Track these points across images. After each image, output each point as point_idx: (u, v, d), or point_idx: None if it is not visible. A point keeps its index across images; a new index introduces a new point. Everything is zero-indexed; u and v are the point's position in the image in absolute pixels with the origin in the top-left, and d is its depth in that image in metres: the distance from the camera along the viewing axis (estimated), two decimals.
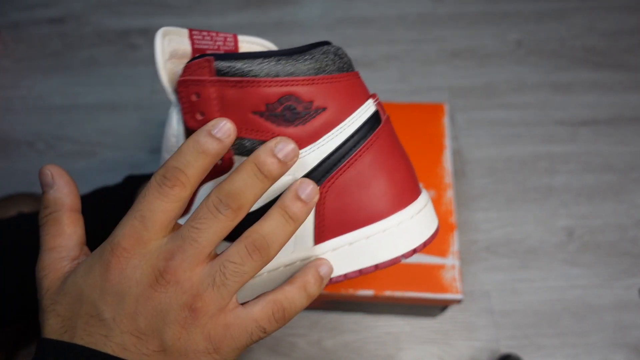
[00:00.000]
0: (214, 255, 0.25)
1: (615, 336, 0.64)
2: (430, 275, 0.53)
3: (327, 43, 0.28)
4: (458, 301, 0.53)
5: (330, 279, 0.29)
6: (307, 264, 0.28)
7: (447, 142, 0.60)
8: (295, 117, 0.27)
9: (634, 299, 0.66)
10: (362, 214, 0.28)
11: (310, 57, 0.27)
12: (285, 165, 0.25)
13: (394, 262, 0.29)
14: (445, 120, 0.61)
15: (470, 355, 0.63)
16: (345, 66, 0.28)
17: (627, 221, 0.71)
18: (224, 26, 0.92)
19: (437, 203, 0.56)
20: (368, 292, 0.52)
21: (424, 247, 0.29)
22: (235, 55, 0.26)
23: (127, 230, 0.23)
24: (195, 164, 0.24)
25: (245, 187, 0.24)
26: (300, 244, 0.29)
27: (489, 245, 0.70)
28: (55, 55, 0.91)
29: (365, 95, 0.29)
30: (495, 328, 0.65)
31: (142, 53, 0.90)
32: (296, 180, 0.26)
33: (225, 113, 0.27)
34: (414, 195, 0.30)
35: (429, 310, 0.62)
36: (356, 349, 0.64)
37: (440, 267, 0.53)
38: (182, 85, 0.27)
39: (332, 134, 0.28)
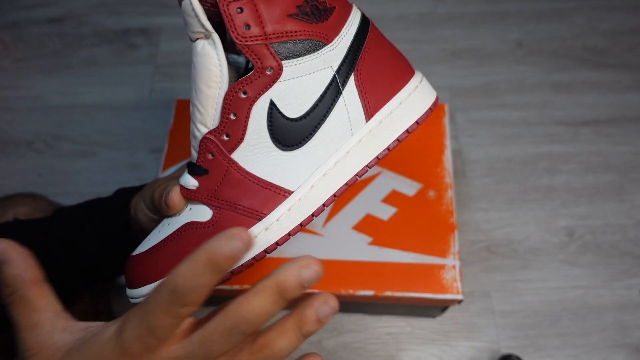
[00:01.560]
0: None
1: (615, 336, 0.64)
2: (430, 276, 0.52)
3: None
4: (458, 301, 0.53)
5: (387, 148, 0.34)
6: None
7: (447, 142, 0.60)
8: (320, 14, 0.32)
9: (635, 299, 0.66)
10: (387, 85, 0.34)
11: None
12: (305, 289, 0.23)
13: (426, 115, 0.35)
14: (445, 120, 0.61)
15: (471, 356, 0.63)
16: None
17: (627, 221, 0.71)
18: None
19: (437, 203, 0.56)
20: (368, 292, 0.52)
21: (436, 102, 0.36)
22: None
23: (136, 337, 0.23)
24: (210, 284, 0.22)
25: (263, 313, 0.22)
26: (356, 126, 0.34)
27: (490, 246, 0.70)
28: (54, 55, 0.90)
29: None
30: (495, 328, 0.65)
31: (142, 53, 0.90)
32: (318, 295, 0.24)
33: (266, 21, 0.30)
34: (411, 68, 0.37)
35: (429, 310, 0.62)
36: (356, 349, 0.64)
37: (441, 267, 0.53)
38: (224, 3, 0.29)
39: (346, 28, 0.33)
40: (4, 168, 0.80)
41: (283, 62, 0.31)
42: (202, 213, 0.34)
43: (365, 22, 0.35)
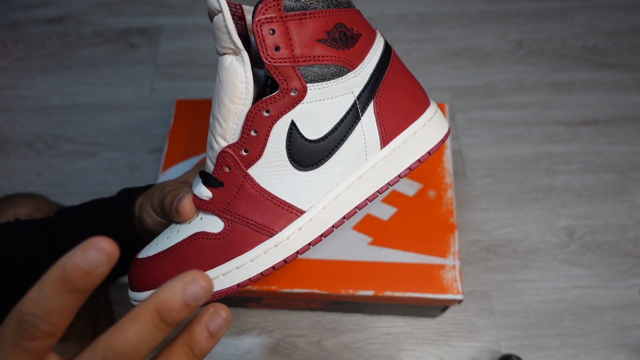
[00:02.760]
0: None
1: (616, 337, 0.64)
2: (430, 276, 0.52)
3: None
4: (458, 301, 0.53)
5: (399, 175, 0.35)
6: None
7: (448, 142, 0.60)
8: (347, 40, 0.33)
9: (635, 300, 0.66)
10: (404, 114, 0.35)
11: None
12: (193, 309, 0.20)
13: (438, 146, 0.36)
14: (446, 119, 0.60)
15: (471, 356, 0.63)
16: (352, 2, 0.35)
17: (628, 221, 0.71)
18: None
19: (437, 203, 0.56)
20: (368, 293, 0.52)
21: (447, 135, 0.37)
22: None
23: None
24: (64, 307, 0.18)
25: (142, 343, 0.19)
26: (371, 152, 0.35)
27: (490, 246, 0.70)
28: (54, 55, 0.90)
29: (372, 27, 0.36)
30: (495, 328, 0.65)
31: (142, 52, 0.90)
32: (206, 307, 0.21)
33: (296, 44, 0.31)
34: (427, 98, 0.38)
35: (429, 310, 0.62)
36: (356, 349, 0.64)
37: (441, 267, 0.53)
38: (258, 24, 0.30)
39: (370, 54, 0.34)
40: (4, 168, 0.80)
41: (308, 85, 0.32)
42: (213, 224, 0.35)
43: (387, 50, 0.36)
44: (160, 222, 0.39)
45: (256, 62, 0.33)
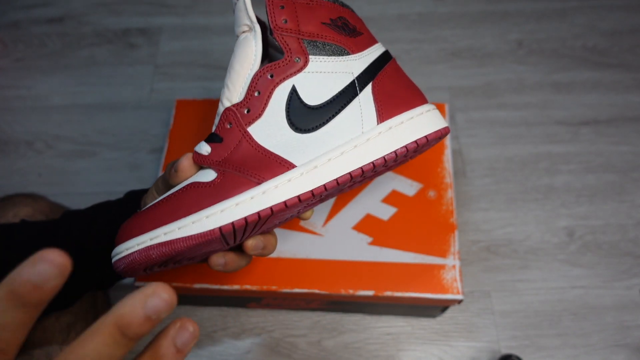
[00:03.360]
0: None
1: (616, 337, 0.64)
2: (430, 276, 0.52)
3: None
4: (458, 301, 0.53)
5: (395, 152, 0.36)
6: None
7: (448, 142, 0.60)
8: (349, 30, 0.37)
9: (635, 300, 0.66)
10: (402, 101, 0.38)
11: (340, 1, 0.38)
12: (155, 322, 0.19)
13: (437, 134, 0.37)
14: (446, 121, 0.61)
15: (471, 356, 0.63)
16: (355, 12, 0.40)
17: (628, 221, 0.71)
18: (225, 26, 0.92)
19: (437, 203, 0.56)
20: (368, 293, 0.52)
21: (447, 130, 0.38)
22: None
23: None
24: (16, 324, 0.17)
25: (101, 358, 0.18)
26: (367, 126, 0.36)
27: (490, 246, 0.70)
28: (54, 55, 0.90)
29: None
30: (495, 328, 0.65)
31: (142, 52, 0.90)
32: (172, 322, 0.21)
33: (302, 22, 0.36)
34: (425, 97, 0.40)
35: (429, 310, 0.62)
36: (356, 349, 0.64)
37: (441, 267, 0.53)
38: (270, 2, 0.35)
39: (370, 50, 0.38)
40: (4, 168, 0.80)
41: (310, 57, 0.36)
42: (207, 175, 0.36)
43: (387, 54, 0.39)
44: None
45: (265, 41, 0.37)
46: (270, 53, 0.40)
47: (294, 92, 0.36)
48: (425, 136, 0.37)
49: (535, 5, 0.91)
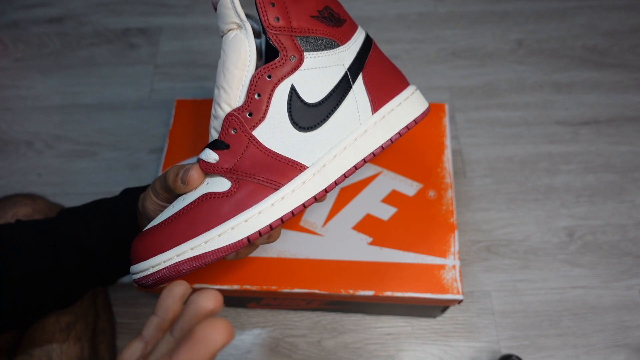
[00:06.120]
0: None
1: (616, 337, 0.64)
2: (430, 276, 0.52)
3: None
4: (458, 302, 0.53)
5: (390, 139, 0.39)
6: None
7: (447, 142, 0.60)
8: (336, 21, 0.38)
9: (635, 300, 0.66)
10: (389, 87, 0.40)
11: None
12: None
13: (422, 117, 0.41)
14: (446, 120, 0.60)
15: (471, 356, 0.63)
16: None
17: (628, 221, 0.71)
18: None
19: (437, 203, 0.56)
20: (368, 293, 0.52)
21: (429, 109, 0.42)
22: None
23: None
24: None
25: None
26: (364, 117, 0.38)
27: (490, 246, 0.70)
28: (54, 55, 0.90)
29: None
30: (495, 328, 0.65)
31: (142, 52, 0.90)
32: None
33: (293, 17, 0.36)
34: (406, 79, 0.42)
35: (429, 310, 0.62)
36: (356, 349, 0.64)
37: (441, 267, 0.53)
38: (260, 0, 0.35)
39: (355, 37, 0.39)
40: (3, 168, 0.80)
41: (305, 53, 0.36)
42: (220, 184, 0.36)
43: (368, 39, 0.41)
44: (162, 206, 0.39)
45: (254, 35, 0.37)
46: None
47: (293, 91, 0.36)
48: (414, 119, 0.40)
49: (535, 5, 0.91)
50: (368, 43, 0.40)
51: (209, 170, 0.36)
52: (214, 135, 0.37)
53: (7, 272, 0.40)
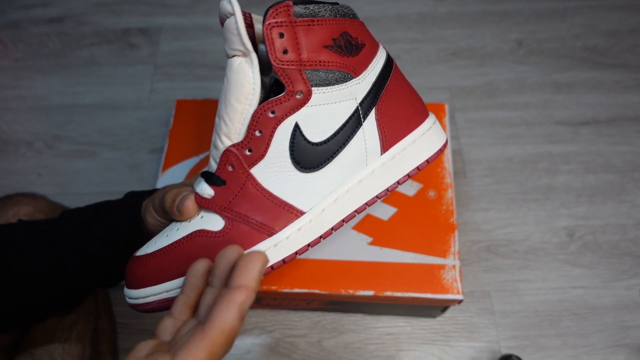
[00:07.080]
0: None
1: (616, 337, 0.64)
2: (430, 276, 0.52)
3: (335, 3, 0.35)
4: (458, 302, 0.53)
5: (398, 182, 0.36)
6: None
7: (448, 142, 0.60)
8: (352, 49, 0.34)
9: (635, 300, 0.66)
10: (404, 123, 0.37)
11: (342, 5, 0.34)
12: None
13: (436, 155, 0.37)
14: (445, 120, 0.61)
15: (471, 356, 0.63)
16: (356, 14, 0.36)
17: (628, 221, 0.71)
18: None
19: (437, 203, 0.56)
20: (368, 293, 0.52)
21: (445, 145, 0.39)
22: (305, 0, 0.33)
23: None
24: None
25: None
26: (372, 157, 0.36)
27: (490, 246, 0.70)
28: (54, 55, 0.90)
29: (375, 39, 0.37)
30: (495, 329, 0.65)
31: (142, 52, 0.90)
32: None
33: (303, 49, 0.32)
34: (426, 109, 0.39)
35: (429, 310, 0.62)
36: (356, 349, 0.64)
37: (441, 267, 0.53)
38: (268, 27, 0.32)
39: (373, 64, 0.35)
40: (3, 168, 0.80)
41: (313, 88, 0.33)
42: (214, 222, 0.35)
43: (389, 62, 0.37)
44: (161, 222, 0.39)
45: (262, 69, 0.34)
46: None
47: (297, 129, 0.34)
48: (427, 159, 0.37)
49: (535, 5, 0.91)
50: (388, 68, 0.37)
51: (204, 205, 0.35)
52: (213, 165, 0.35)
53: (7, 271, 0.40)
